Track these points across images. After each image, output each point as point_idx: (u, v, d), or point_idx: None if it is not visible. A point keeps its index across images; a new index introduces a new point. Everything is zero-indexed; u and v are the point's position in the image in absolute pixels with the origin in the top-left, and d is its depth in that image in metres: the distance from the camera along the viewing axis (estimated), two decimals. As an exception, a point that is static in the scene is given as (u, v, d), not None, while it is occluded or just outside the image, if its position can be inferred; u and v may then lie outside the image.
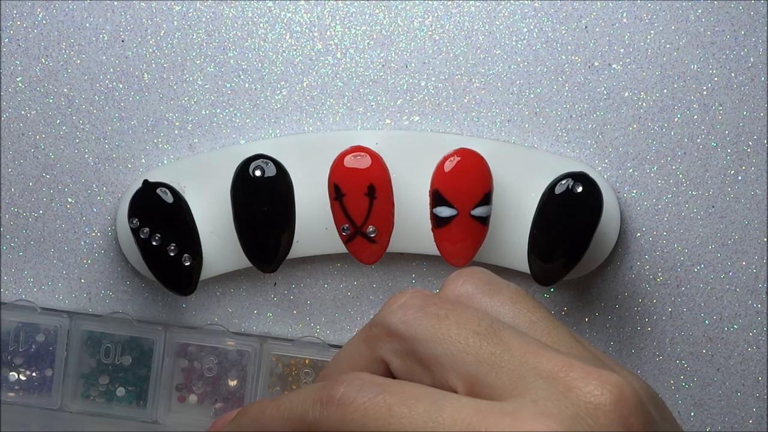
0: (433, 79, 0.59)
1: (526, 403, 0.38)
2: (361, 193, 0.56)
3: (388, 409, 0.39)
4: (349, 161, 0.56)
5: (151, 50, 0.59)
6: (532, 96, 0.59)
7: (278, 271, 0.59)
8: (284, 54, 0.59)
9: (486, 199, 0.55)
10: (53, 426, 0.59)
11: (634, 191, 0.59)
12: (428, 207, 0.56)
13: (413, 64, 0.59)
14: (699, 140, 0.59)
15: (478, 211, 0.55)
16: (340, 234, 0.56)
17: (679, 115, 0.59)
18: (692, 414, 0.60)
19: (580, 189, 0.54)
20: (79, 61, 0.59)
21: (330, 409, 0.41)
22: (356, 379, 0.41)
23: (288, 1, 0.59)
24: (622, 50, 0.58)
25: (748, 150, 0.59)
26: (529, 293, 0.45)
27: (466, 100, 0.59)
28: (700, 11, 0.58)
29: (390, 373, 0.44)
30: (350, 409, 0.40)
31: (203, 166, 0.58)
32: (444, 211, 0.55)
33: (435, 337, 0.41)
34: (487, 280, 0.45)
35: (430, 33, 0.59)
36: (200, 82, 0.59)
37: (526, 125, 0.59)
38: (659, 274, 0.59)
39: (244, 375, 0.59)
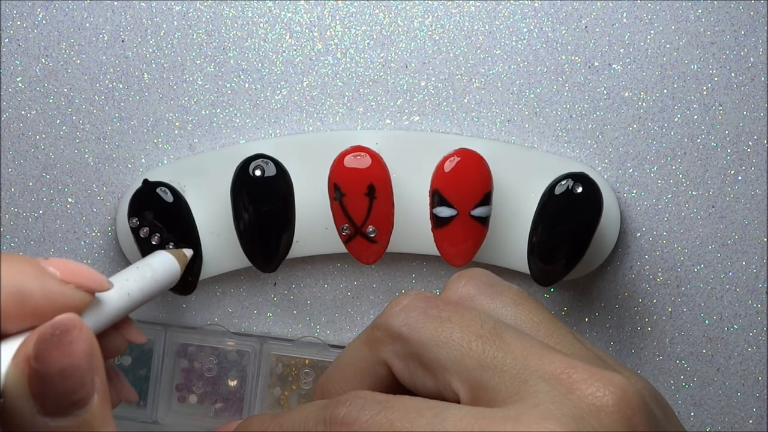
0: (433, 79, 0.59)
1: (528, 407, 0.38)
2: (361, 193, 0.55)
3: (390, 425, 0.39)
4: (349, 161, 0.56)
5: (151, 50, 0.59)
6: (532, 96, 0.59)
7: (278, 271, 0.59)
8: (284, 54, 0.59)
9: (486, 200, 0.55)
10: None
11: (634, 191, 0.59)
12: (428, 207, 0.56)
13: (413, 64, 0.59)
14: (699, 140, 0.59)
15: (478, 212, 0.55)
16: (340, 234, 0.56)
17: (679, 115, 0.59)
18: (692, 414, 0.60)
19: (580, 189, 0.54)
20: (79, 61, 0.59)
21: (333, 428, 0.41)
22: (358, 397, 0.41)
23: (288, 1, 0.59)
24: (622, 50, 0.58)
25: (748, 150, 0.59)
26: (531, 295, 0.46)
27: (466, 100, 0.59)
28: (700, 11, 0.58)
29: (392, 376, 0.44)
30: (353, 428, 0.40)
31: (203, 166, 0.58)
32: (444, 212, 0.55)
33: (438, 341, 0.41)
34: (488, 282, 0.45)
35: (430, 33, 0.59)
36: (200, 82, 0.59)
37: (526, 125, 0.59)
38: (659, 274, 0.59)
39: (244, 375, 0.59)
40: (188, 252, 0.52)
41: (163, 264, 0.49)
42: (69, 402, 0.38)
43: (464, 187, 0.55)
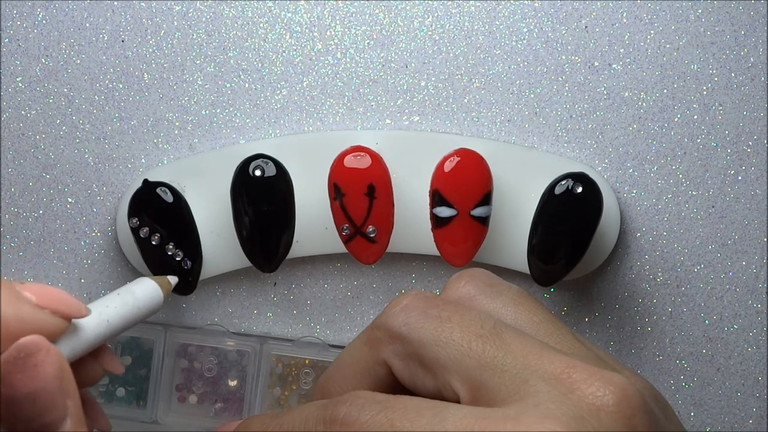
0: (433, 79, 0.59)
1: (528, 407, 0.38)
2: (361, 193, 0.55)
3: (390, 425, 0.39)
4: (349, 161, 0.56)
5: (151, 50, 0.59)
6: (532, 96, 0.59)
7: (278, 271, 0.59)
8: (284, 54, 0.59)
9: (486, 199, 0.55)
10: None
11: (634, 191, 0.59)
12: (428, 207, 0.56)
13: (413, 64, 0.59)
14: (699, 140, 0.59)
15: (478, 212, 0.55)
16: (340, 234, 0.56)
17: (679, 115, 0.59)
18: (692, 414, 0.60)
19: (580, 189, 0.54)
20: (79, 61, 0.59)
21: (333, 428, 0.41)
22: (358, 397, 0.41)
23: (288, 1, 0.59)
24: (622, 50, 0.58)
25: (748, 150, 0.59)
26: (531, 294, 0.46)
27: (466, 100, 0.59)
28: (700, 11, 0.58)
29: (392, 376, 0.44)
30: (353, 428, 0.40)
31: (203, 166, 0.58)
32: (444, 211, 0.55)
33: (438, 341, 0.41)
34: (488, 282, 0.45)
35: (430, 33, 0.59)
36: (200, 82, 0.59)
37: (526, 125, 0.59)
38: (659, 274, 0.59)
39: (244, 375, 0.59)
40: (173, 279, 0.51)
41: (146, 291, 0.48)
42: (38, 426, 0.38)
43: (464, 187, 0.55)
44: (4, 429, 0.38)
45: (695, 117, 0.59)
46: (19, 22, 0.59)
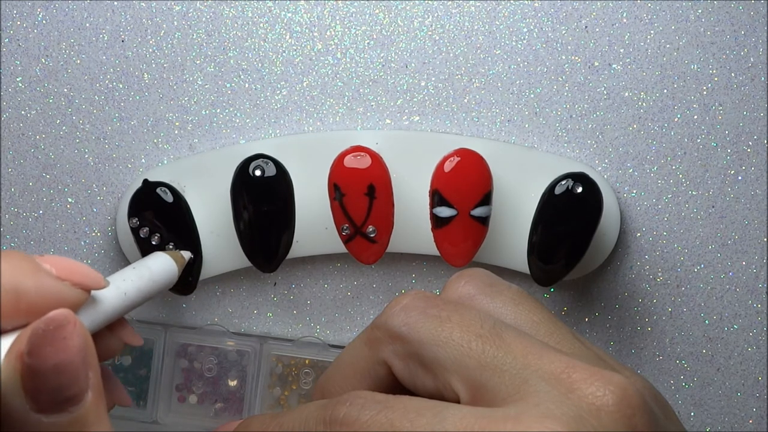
0: (433, 79, 0.59)
1: (528, 407, 0.38)
2: (361, 193, 0.55)
3: (390, 425, 0.39)
4: (349, 161, 0.56)
5: (151, 50, 0.59)
6: (532, 96, 0.59)
7: (278, 271, 0.59)
8: (284, 54, 0.59)
9: (486, 200, 0.55)
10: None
11: (634, 191, 0.59)
12: (428, 207, 0.56)
13: (413, 64, 0.59)
14: (699, 140, 0.59)
15: (478, 212, 0.55)
16: (340, 234, 0.56)
17: (679, 115, 0.59)
18: (692, 414, 0.60)
19: (580, 189, 0.54)
20: (79, 61, 0.59)
21: (333, 428, 0.41)
22: (358, 397, 0.41)
23: (288, 1, 0.59)
24: (622, 50, 0.58)
25: (748, 150, 0.59)
26: (531, 294, 0.46)
27: (466, 100, 0.59)
28: (700, 11, 0.58)
29: (392, 376, 0.44)
30: (353, 428, 0.40)
31: (203, 166, 0.58)
32: (444, 212, 0.55)
33: (438, 340, 0.41)
34: (488, 282, 0.45)
35: (430, 33, 0.59)
36: (200, 82, 0.59)
37: (526, 125, 0.59)
38: (659, 274, 0.59)
39: (244, 375, 0.59)
40: (186, 254, 0.52)
41: (161, 265, 0.49)
42: (62, 398, 0.38)
43: (464, 187, 0.55)
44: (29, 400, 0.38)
45: (695, 117, 0.59)
46: (19, 22, 0.59)
